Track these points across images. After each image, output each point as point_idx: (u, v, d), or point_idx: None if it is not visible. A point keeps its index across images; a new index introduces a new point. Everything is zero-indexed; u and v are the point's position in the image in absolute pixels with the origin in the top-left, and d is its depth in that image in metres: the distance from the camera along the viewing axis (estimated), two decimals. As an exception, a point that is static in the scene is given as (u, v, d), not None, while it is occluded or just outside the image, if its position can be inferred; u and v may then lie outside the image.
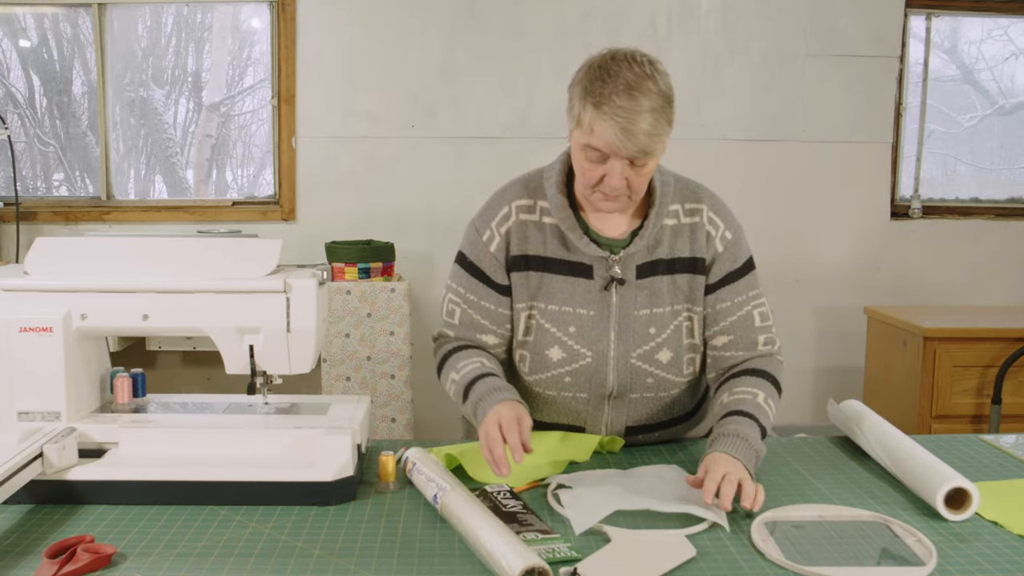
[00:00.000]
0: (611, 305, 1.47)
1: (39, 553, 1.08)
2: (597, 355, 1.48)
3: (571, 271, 1.48)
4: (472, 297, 1.53)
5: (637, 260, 1.48)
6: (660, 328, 1.49)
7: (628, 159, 1.33)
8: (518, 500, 1.27)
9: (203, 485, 1.25)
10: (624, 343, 1.48)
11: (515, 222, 1.50)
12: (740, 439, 1.33)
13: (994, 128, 4.11)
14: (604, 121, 1.31)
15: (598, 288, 1.47)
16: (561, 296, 1.48)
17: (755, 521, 1.20)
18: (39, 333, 1.29)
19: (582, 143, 1.36)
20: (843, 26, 3.76)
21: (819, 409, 3.90)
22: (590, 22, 3.64)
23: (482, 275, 1.52)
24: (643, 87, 1.31)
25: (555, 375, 1.50)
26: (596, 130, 1.32)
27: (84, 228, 3.66)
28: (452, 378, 1.49)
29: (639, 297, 1.48)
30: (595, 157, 1.35)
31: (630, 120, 1.30)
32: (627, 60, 1.34)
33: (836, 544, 1.14)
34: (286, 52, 3.65)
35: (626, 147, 1.31)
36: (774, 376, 1.48)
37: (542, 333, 1.49)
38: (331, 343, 3.20)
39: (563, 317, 1.48)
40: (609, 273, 1.47)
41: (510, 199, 1.52)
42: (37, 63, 3.80)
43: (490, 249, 1.51)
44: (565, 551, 1.10)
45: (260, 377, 1.36)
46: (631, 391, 1.51)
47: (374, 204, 3.72)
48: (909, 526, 1.19)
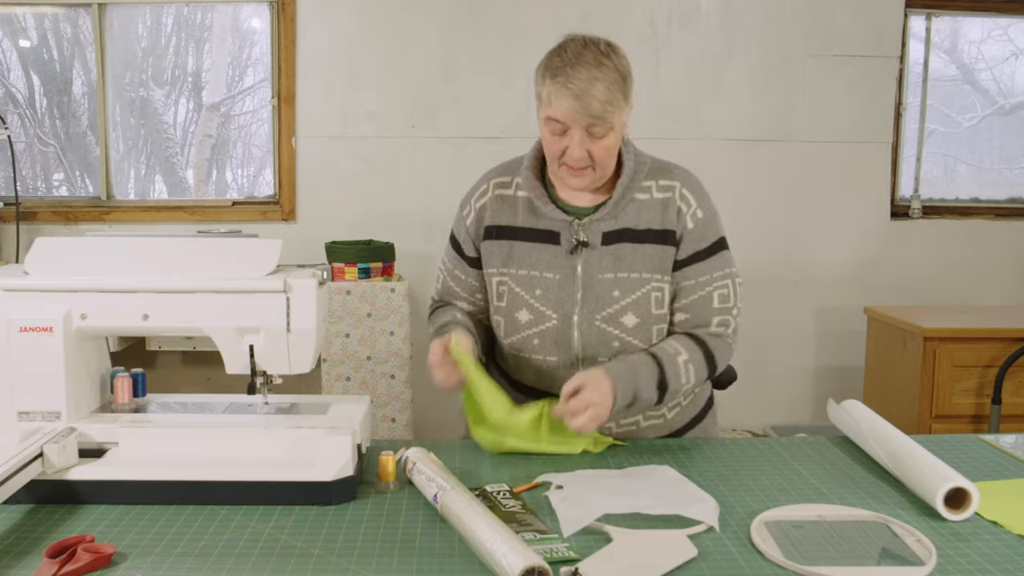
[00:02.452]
0: (576, 268, 1.55)
1: (39, 553, 1.08)
2: (562, 317, 1.56)
3: (539, 238, 1.58)
4: (450, 266, 1.70)
5: (603, 227, 1.55)
6: (624, 292, 1.54)
7: (585, 128, 1.44)
8: (517, 500, 1.27)
9: (203, 485, 1.25)
10: (588, 305, 1.55)
11: (491, 197, 1.63)
12: (630, 370, 1.46)
13: (994, 128, 4.10)
14: (559, 90, 1.42)
15: (564, 252, 1.55)
16: (529, 261, 1.58)
17: (755, 521, 1.20)
18: (39, 333, 1.29)
19: (544, 116, 1.48)
20: (843, 26, 3.76)
21: (819, 409, 3.90)
22: (590, 22, 3.63)
23: (458, 247, 1.68)
24: (597, 61, 1.43)
25: (524, 337, 1.59)
26: (554, 101, 1.44)
27: (84, 228, 3.66)
28: (429, 332, 1.66)
29: (604, 261, 1.54)
30: (556, 129, 1.46)
31: (583, 88, 1.41)
32: (584, 41, 1.47)
33: (836, 544, 1.14)
34: (286, 52, 3.65)
35: (580, 113, 1.42)
36: (709, 349, 1.55)
37: (512, 297, 1.59)
38: (331, 343, 3.20)
39: (531, 281, 1.57)
40: (574, 237, 1.55)
41: (490, 177, 1.66)
42: (37, 63, 3.80)
43: (466, 223, 1.65)
44: (563, 551, 1.10)
45: (260, 377, 1.36)
46: (599, 355, 1.56)
47: (374, 204, 3.72)
48: (909, 526, 1.19)
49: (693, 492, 1.28)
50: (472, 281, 1.67)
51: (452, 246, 1.69)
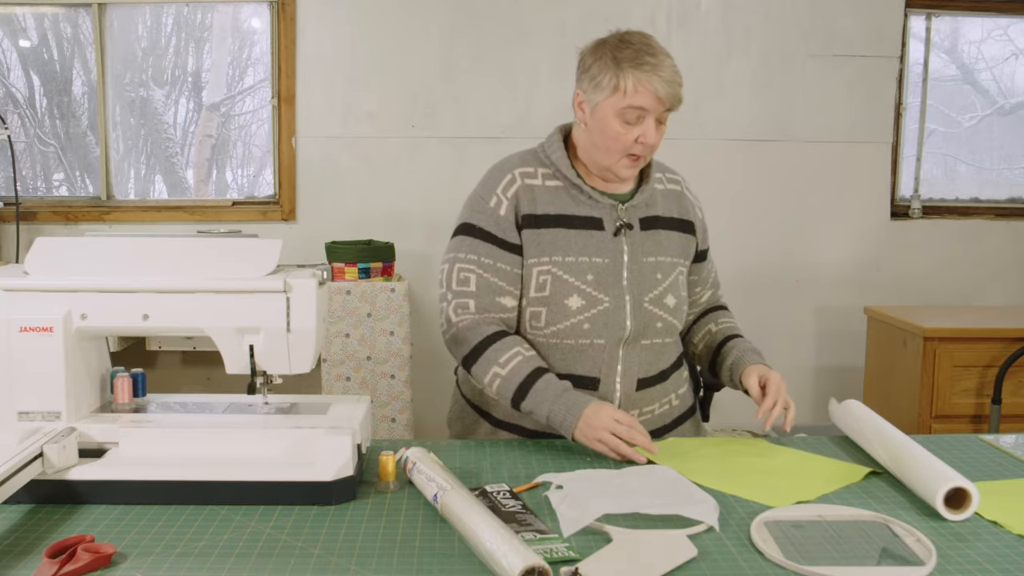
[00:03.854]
0: (623, 252, 1.59)
1: (39, 553, 1.08)
2: (614, 299, 1.58)
3: (582, 224, 1.59)
4: (487, 261, 1.58)
5: (639, 213, 1.63)
6: (664, 275, 1.63)
7: (667, 110, 1.52)
8: (517, 500, 1.27)
9: (203, 485, 1.25)
10: (636, 287, 1.59)
11: (521, 186, 1.60)
12: (759, 355, 1.66)
13: (994, 128, 4.10)
14: (649, 78, 1.48)
15: (609, 236, 1.59)
16: (576, 247, 1.57)
17: (755, 521, 1.20)
18: (39, 333, 1.29)
19: (620, 107, 1.51)
20: (843, 26, 3.76)
21: (819, 409, 3.90)
22: (590, 22, 3.64)
23: (494, 239, 1.59)
24: (661, 48, 1.53)
25: (574, 323, 1.57)
26: (640, 88, 1.49)
27: (84, 228, 3.66)
28: (495, 372, 1.53)
29: (646, 244, 1.61)
30: (633, 117, 1.51)
31: (670, 76, 1.50)
32: (638, 33, 1.55)
33: (836, 544, 1.14)
34: (286, 52, 3.65)
35: (671, 96, 1.50)
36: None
37: (560, 284, 1.57)
38: (331, 343, 3.20)
39: (580, 267, 1.57)
40: (619, 221, 1.59)
41: (511, 168, 1.63)
42: (37, 63, 3.80)
43: (500, 213, 1.59)
44: (563, 551, 1.10)
45: (260, 377, 1.36)
46: (643, 336, 1.61)
47: (374, 204, 3.72)
48: (909, 526, 1.19)
49: (693, 492, 1.28)
50: (516, 270, 1.59)
51: (485, 239, 1.59)
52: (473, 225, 1.59)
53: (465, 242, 1.60)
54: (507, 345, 1.54)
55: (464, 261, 1.59)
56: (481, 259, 1.58)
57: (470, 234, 1.59)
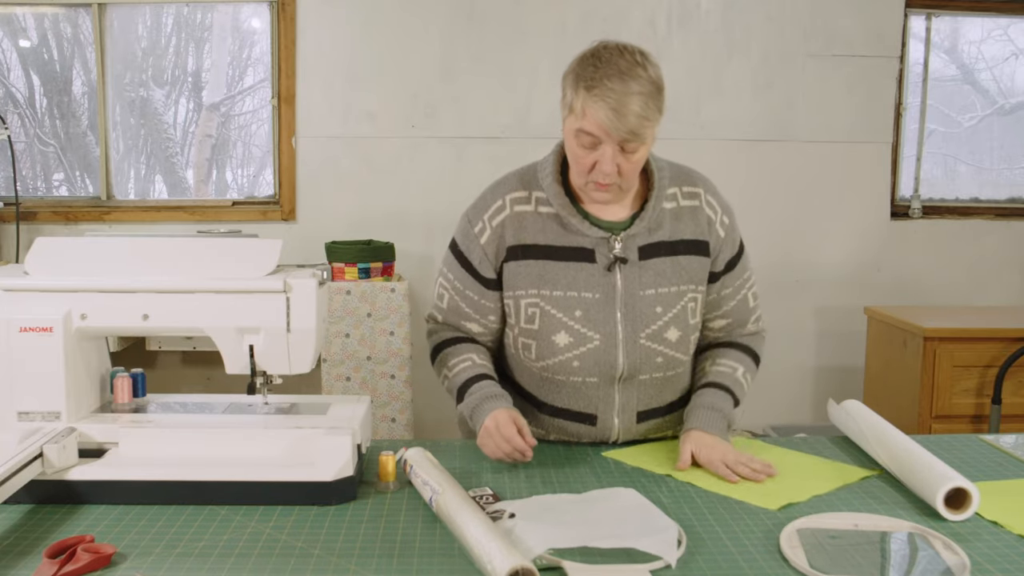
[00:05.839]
0: (616, 286, 1.48)
1: (39, 553, 1.08)
2: (605, 337, 1.48)
3: (573, 256, 1.49)
4: (459, 285, 1.57)
5: (639, 241, 1.50)
6: (667, 307, 1.50)
7: (619, 143, 1.36)
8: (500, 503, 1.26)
9: (203, 485, 1.25)
10: (631, 324, 1.48)
11: (509, 214, 1.52)
12: (717, 412, 1.50)
13: (994, 128, 4.10)
14: (595, 103, 1.34)
15: (601, 270, 1.48)
16: (565, 281, 1.48)
17: (787, 528, 1.17)
18: (39, 333, 1.29)
19: (575, 128, 1.39)
20: (843, 26, 3.76)
21: (819, 409, 3.90)
22: (590, 22, 3.64)
23: (469, 266, 1.55)
24: (633, 72, 1.35)
25: (563, 360, 1.50)
26: (588, 113, 1.35)
27: (84, 228, 3.66)
28: (445, 374, 1.57)
29: (644, 277, 1.49)
30: (587, 142, 1.38)
31: (620, 102, 1.33)
32: (618, 49, 1.39)
33: (868, 555, 1.11)
34: (286, 52, 3.65)
35: (617, 128, 1.34)
36: (755, 352, 1.63)
37: (548, 319, 1.49)
38: (331, 343, 3.20)
39: (568, 302, 1.48)
40: (612, 253, 1.48)
41: (504, 192, 1.54)
42: (37, 63, 3.80)
43: (480, 241, 1.53)
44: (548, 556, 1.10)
45: (260, 377, 1.36)
46: (640, 372, 1.51)
47: (374, 204, 3.72)
48: (947, 538, 1.15)
49: (655, 520, 1.18)
50: (487, 303, 1.55)
51: (460, 264, 1.55)
52: (457, 246, 1.57)
53: (449, 259, 1.59)
54: (459, 349, 1.56)
55: (443, 276, 1.60)
56: (454, 282, 1.58)
57: (454, 253, 1.58)
